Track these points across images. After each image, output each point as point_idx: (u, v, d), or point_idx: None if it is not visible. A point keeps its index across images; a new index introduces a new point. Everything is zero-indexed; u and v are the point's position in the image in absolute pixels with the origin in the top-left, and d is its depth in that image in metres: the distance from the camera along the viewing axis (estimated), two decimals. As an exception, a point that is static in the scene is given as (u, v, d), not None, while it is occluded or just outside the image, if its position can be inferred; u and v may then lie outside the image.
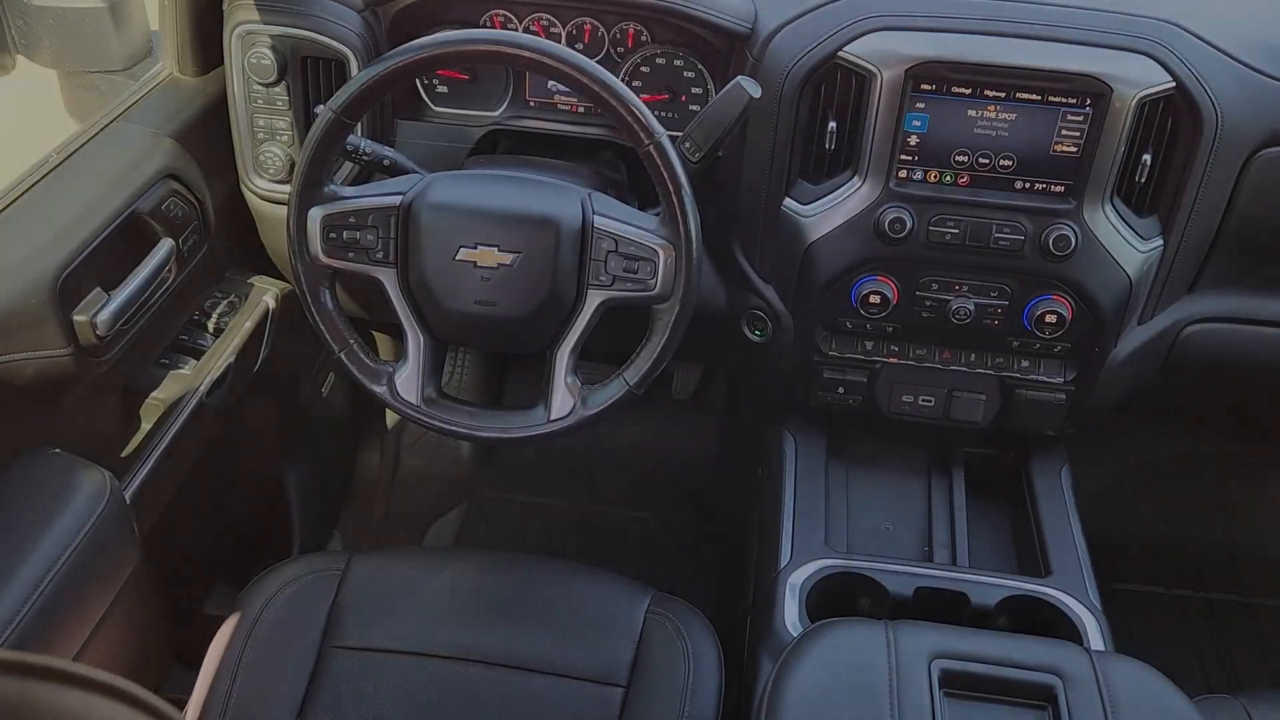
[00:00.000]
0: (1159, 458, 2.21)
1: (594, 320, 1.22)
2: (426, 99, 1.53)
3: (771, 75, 1.33)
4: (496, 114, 1.52)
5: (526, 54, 1.11)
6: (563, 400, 1.24)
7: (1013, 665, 1.03)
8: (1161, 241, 1.36)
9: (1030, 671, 1.03)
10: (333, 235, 1.19)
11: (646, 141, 1.14)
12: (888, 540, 1.49)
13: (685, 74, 1.48)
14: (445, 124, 1.51)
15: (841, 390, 1.50)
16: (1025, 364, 1.45)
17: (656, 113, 1.50)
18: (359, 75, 1.15)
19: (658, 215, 1.20)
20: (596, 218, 1.19)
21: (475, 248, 1.18)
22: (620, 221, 1.19)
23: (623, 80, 1.48)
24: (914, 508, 1.53)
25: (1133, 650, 1.94)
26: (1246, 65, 1.30)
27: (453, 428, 1.25)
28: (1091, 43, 1.27)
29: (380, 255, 1.21)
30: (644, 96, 1.50)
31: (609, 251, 1.18)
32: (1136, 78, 1.26)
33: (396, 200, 1.20)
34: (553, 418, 1.25)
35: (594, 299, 1.20)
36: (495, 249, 1.18)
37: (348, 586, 1.36)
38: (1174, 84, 1.27)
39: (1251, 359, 1.47)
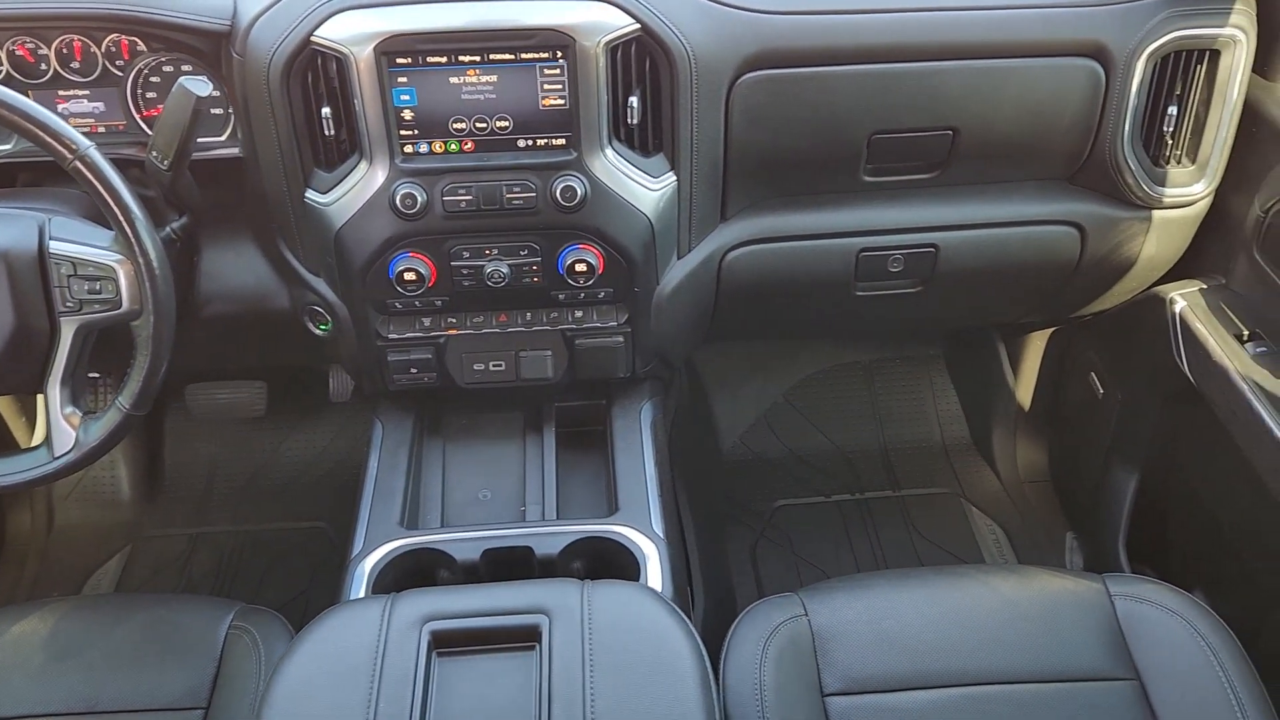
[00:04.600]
0: (810, 375, 2.33)
1: (79, 348, 1.18)
2: None
3: (255, 68, 1.31)
4: (8, 147, 1.44)
5: None
6: (63, 435, 1.20)
7: (502, 613, 1.06)
8: (674, 178, 1.41)
9: (518, 616, 1.06)
10: None
11: (70, 158, 1.11)
12: (484, 508, 1.51)
13: (196, 78, 1.44)
14: None
15: (414, 370, 1.50)
16: (579, 314, 1.49)
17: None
18: None
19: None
20: (51, 243, 1.15)
21: (-79, 295, 1.13)
22: (75, 243, 1.15)
23: (134, 93, 1.44)
24: (510, 471, 1.56)
25: (791, 558, 2.06)
26: (706, -2, 1.36)
27: None
28: None
29: None
30: (160, 108, 1.45)
31: (69, 276, 1.15)
32: (597, 24, 1.29)
33: None
34: (56, 455, 1.21)
35: (68, 327, 1.16)
36: (-58, 292, 1.13)
37: None
38: (638, 25, 1.31)
39: (788, 273, 1.55)
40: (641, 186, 1.39)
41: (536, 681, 1.00)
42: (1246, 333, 1.47)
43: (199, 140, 1.43)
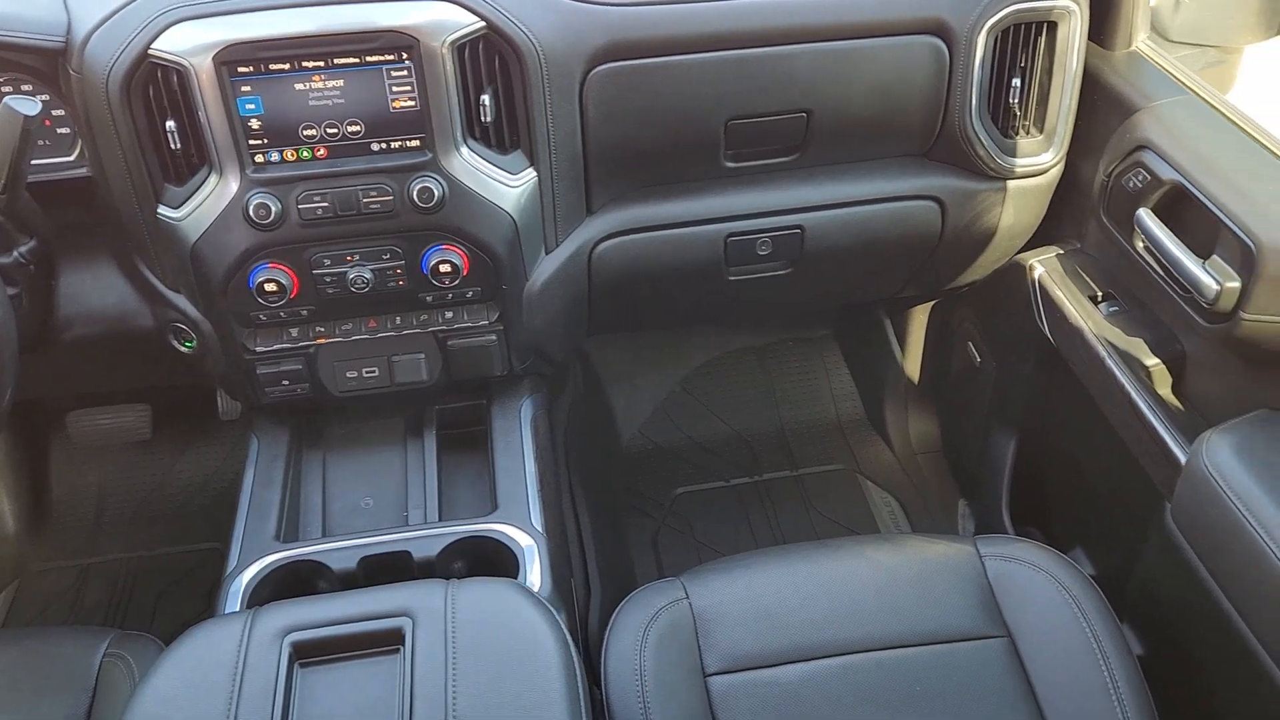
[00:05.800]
0: (706, 363, 2.35)
1: None
2: None
3: (94, 84, 1.28)
4: None
5: None
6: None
7: (364, 619, 1.05)
8: (534, 174, 1.41)
9: (381, 620, 1.05)
10: None
11: None
12: (366, 515, 1.50)
13: (39, 98, 1.40)
14: None
15: (286, 382, 1.48)
16: (449, 315, 1.48)
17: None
18: None
19: None
20: None
21: None
22: None
23: (-30, 116, 1.40)
24: (392, 476, 1.54)
25: (692, 544, 2.07)
26: (552, -8, 1.36)
27: None
28: None
29: None
30: (2, 129, 1.42)
31: (-102, 306, 1.11)
32: (441, 23, 1.28)
33: None
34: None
35: None
36: None
37: None
38: (483, 24, 1.30)
39: (659, 261, 1.56)
40: (501, 184, 1.39)
41: (399, 684, 1.00)
42: (1100, 293, 1.52)
43: (49, 161, 1.40)
